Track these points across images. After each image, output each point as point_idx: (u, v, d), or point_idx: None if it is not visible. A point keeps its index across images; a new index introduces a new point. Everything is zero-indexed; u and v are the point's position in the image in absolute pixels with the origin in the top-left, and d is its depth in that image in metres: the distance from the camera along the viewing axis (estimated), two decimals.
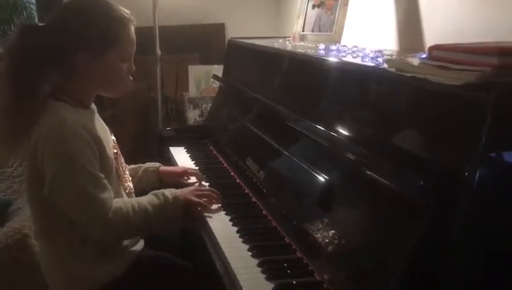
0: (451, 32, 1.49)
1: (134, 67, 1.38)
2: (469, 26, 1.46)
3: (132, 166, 1.64)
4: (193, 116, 2.68)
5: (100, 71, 1.31)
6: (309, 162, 1.28)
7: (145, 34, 2.48)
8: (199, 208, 1.42)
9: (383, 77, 1.05)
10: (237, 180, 1.70)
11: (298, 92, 1.51)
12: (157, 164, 1.67)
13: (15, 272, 1.73)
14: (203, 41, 2.88)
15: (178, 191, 1.41)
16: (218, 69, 2.44)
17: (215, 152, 2.03)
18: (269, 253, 1.20)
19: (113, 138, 1.47)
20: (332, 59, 1.33)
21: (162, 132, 2.34)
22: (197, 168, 1.85)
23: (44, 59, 1.26)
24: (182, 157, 2.00)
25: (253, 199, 1.53)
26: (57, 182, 1.22)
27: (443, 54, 0.94)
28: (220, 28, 2.89)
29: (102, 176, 1.26)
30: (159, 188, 1.46)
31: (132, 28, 1.35)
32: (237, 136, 1.89)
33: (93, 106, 1.40)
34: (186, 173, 1.69)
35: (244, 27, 2.81)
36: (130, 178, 1.51)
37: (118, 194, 1.35)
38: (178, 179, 1.65)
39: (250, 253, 1.21)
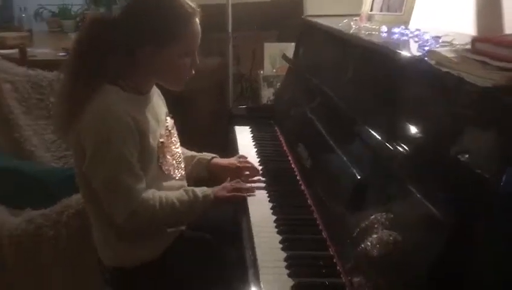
0: None
1: (198, 61, 1.38)
2: None
3: (188, 154, 1.65)
4: (267, 94, 2.66)
5: (162, 64, 1.33)
6: (353, 161, 1.21)
7: (221, 11, 2.50)
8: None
9: (416, 70, 0.95)
10: (292, 166, 1.67)
11: (356, 84, 1.43)
12: (209, 156, 1.66)
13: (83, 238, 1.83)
14: (281, 18, 2.82)
15: (209, 190, 1.40)
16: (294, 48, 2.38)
17: (278, 134, 2.01)
18: (300, 247, 1.17)
19: (167, 124, 1.49)
20: (376, 46, 1.23)
21: (233, 110, 2.34)
22: (255, 149, 1.85)
23: (109, 50, 1.30)
24: (244, 137, 2.00)
25: (302, 187, 1.50)
26: (92, 162, 1.26)
27: (485, 46, 0.82)
28: (298, 4, 2.81)
29: (139, 165, 1.29)
30: (208, 180, 1.47)
31: (197, 22, 1.34)
32: (295, 121, 1.84)
33: (152, 92, 1.43)
34: (239, 169, 1.61)
35: (325, 3, 2.70)
36: (183, 165, 1.53)
37: (155, 184, 1.37)
38: (227, 174, 1.57)
39: (281, 245, 1.18)
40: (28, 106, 2.36)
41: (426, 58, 0.92)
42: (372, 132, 1.10)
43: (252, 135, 2.03)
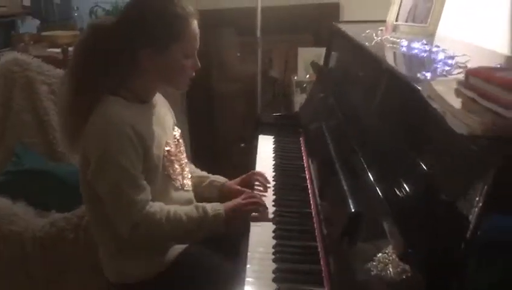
0: None
1: (199, 63, 1.36)
2: None
3: (198, 173, 1.63)
4: (300, 100, 2.58)
5: (163, 67, 1.32)
6: (353, 192, 1.13)
7: (254, 14, 2.45)
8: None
9: (410, 99, 0.87)
10: (306, 183, 1.60)
11: (364, 101, 1.34)
12: (222, 179, 1.62)
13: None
14: (316, 21, 2.73)
15: (221, 207, 1.36)
16: None
17: (301, 146, 1.94)
18: (292, 280, 1.11)
19: (175, 133, 1.47)
20: (381, 65, 1.14)
21: (262, 117, 2.29)
22: (273, 162, 1.79)
23: (109, 58, 1.30)
24: (265, 148, 1.94)
25: (311, 208, 1.43)
26: (96, 175, 1.26)
27: (476, 81, 0.73)
28: (334, 8, 2.71)
29: (142, 176, 1.28)
30: (217, 201, 1.44)
31: (195, 23, 1.33)
32: (315, 135, 1.77)
33: (155, 100, 1.42)
34: (245, 182, 1.59)
35: (362, 7, 2.59)
36: (189, 175, 1.51)
37: (164, 193, 1.36)
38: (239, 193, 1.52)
39: (273, 275, 1.13)
40: None
41: (420, 90, 0.84)
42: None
43: (274, 145, 1.97)
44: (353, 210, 1.03)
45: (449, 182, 0.71)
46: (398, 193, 0.93)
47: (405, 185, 0.87)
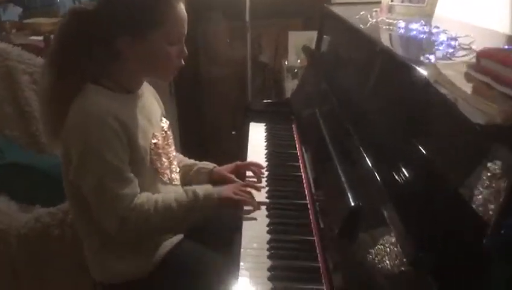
0: None
1: (186, 51, 1.27)
2: None
3: (186, 161, 1.56)
4: (291, 86, 2.50)
5: (145, 55, 1.22)
6: (351, 182, 1.07)
7: None
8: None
9: (413, 85, 0.80)
10: (300, 172, 1.54)
11: (360, 85, 1.27)
12: (210, 165, 1.56)
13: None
14: (307, 4, 2.64)
15: (213, 190, 1.30)
16: None
17: (294, 133, 1.87)
18: (288, 279, 1.05)
19: (163, 125, 1.40)
20: (378, 48, 1.07)
21: (251, 104, 2.21)
22: (265, 151, 1.73)
23: (90, 45, 1.22)
24: (257, 136, 1.88)
25: (306, 199, 1.37)
26: (78, 170, 1.19)
27: (490, 64, 0.66)
28: None
29: (128, 169, 1.20)
30: None
31: (181, 6, 1.23)
32: (308, 122, 1.70)
33: (141, 90, 1.34)
34: (239, 170, 1.54)
35: None
36: (178, 169, 1.45)
37: (152, 188, 1.29)
38: (230, 180, 1.49)
39: (268, 273, 1.07)
40: None
41: (426, 75, 0.77)
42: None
43: (265, 133, 1.90)
44: (352, 204, 0.97)
45: (460, 175, 0.64)
46: (399, 184, 0.87)
47: (408, 177, 0.80)
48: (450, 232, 0.69)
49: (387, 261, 0.81)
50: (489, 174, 0.60)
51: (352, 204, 0.96)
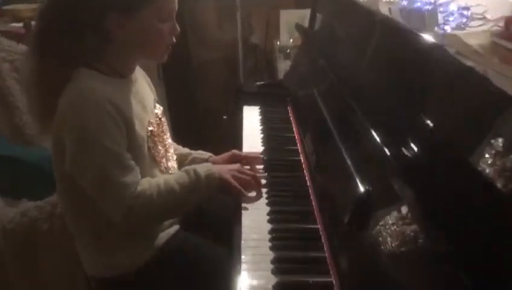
0: None
1: (178, 28, 1.19)
2: None
3: (180, 150, 1.49)
4: (284, 67, 2.42)
5: (135, 33, 1.14)
6: (355, 162, 1.00)
7: None
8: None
9: (430, 58, 0.72)
10: (299, 157, 1.46)
11: (362, 62, 1.19)
12: (206, 154, 1.50)
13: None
14: None
15: (214, 168, 1.24)
16: None
17: (291, 116, 1.79)
18: (293, 271, 0.98)
19: (157, 111, 1.32)
20: (383, 21, 0.99)
21: (243, 87, 2.13)
22: (261, 135, 1.65)
23: (77, 26, 1.12)
24: (251, 120, 1.80)
25: (308, 185, 1.30)
26: (76, 160, 1.11)
27: None
28: None
29: (129, 156, 1.13)
30: None
31: None
32: (305, 104, 1.62)
33: (134, 75, 1.26)
34: (235, 159, 1.46)
35: None
36: (174, 157, 1.37)
37: (150, 176, 1.21)
38: None
39: (272, 266, 1.00)
40: None
41: (445, 46, 0.69)
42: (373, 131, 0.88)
43: (260, 116, 1.82)
44: (362, 190, 0.89)
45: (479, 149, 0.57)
46: (411, 160, 0.80)
47: (420, 151, 0.73)
48: (474, 216, 0.63)
49: (403, 248, 0.75)
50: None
51: (362, 190, 0.89)
